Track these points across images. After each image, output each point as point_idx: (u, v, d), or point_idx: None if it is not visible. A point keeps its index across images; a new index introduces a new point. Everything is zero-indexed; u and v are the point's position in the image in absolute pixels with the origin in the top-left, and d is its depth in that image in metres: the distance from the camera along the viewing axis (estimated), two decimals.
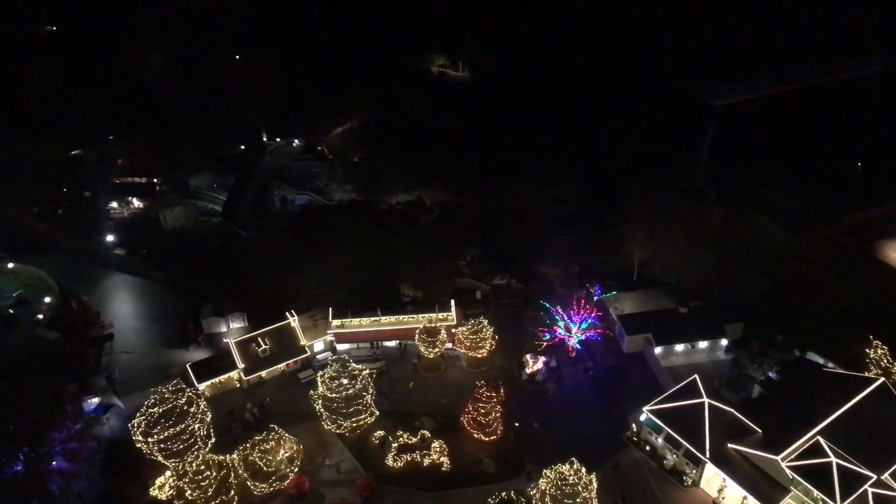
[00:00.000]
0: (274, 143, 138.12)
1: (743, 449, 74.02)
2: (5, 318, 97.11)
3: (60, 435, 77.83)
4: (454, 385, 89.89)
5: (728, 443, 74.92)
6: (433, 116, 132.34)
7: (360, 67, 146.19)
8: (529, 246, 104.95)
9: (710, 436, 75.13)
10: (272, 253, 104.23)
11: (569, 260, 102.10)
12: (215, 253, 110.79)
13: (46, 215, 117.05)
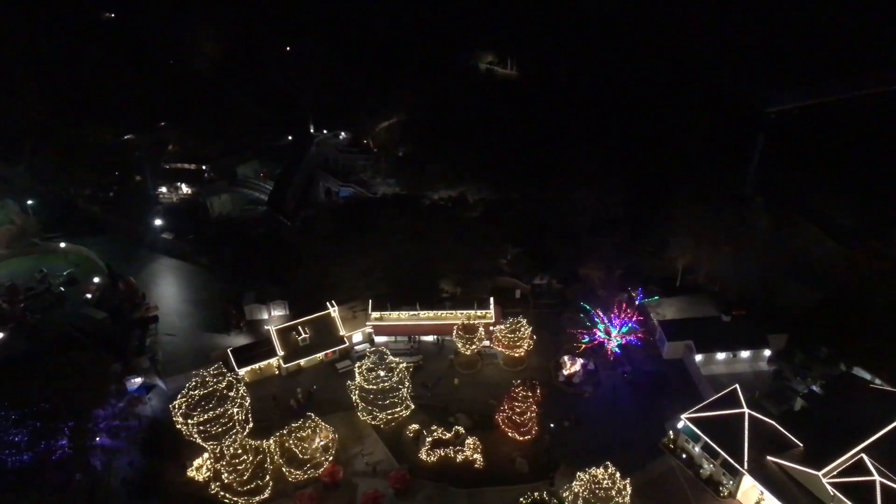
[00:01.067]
0: (321, 135, 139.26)
1: (783, 462, 72.57)
2: (56, 295, 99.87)
3: (105, 412, 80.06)
4: (490, 383, 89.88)
5: (767, 455, 73.51)
6: (479, 113, 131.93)
7: (408, 62, 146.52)
8: (571, 247, 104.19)
9: (749, 447, 73.82)
10: (315, 243, 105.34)
11: (611, 263, 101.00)
12: (260, 241, 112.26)
13: (98, 198, 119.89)
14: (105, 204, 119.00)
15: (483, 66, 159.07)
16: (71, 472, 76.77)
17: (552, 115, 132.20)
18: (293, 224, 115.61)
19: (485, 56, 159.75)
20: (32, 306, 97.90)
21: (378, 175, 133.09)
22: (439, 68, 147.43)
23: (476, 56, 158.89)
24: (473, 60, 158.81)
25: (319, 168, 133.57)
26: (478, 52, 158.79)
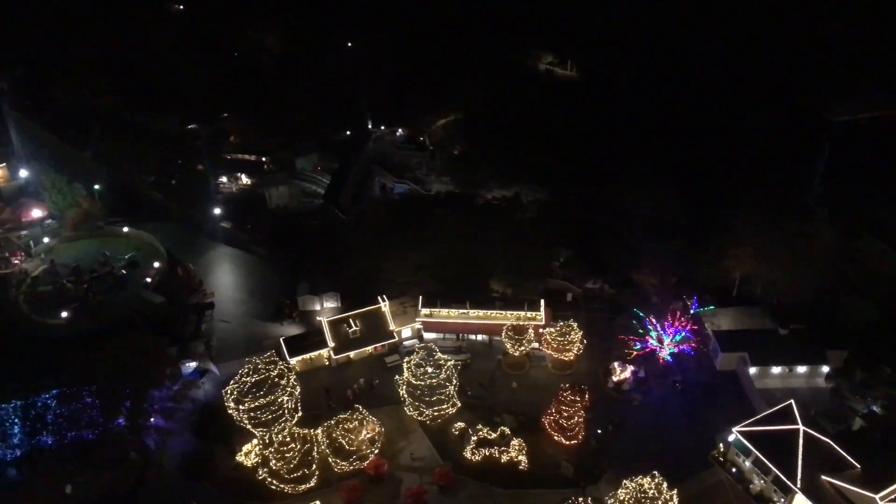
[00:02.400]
0: (378, 131, 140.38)
1: (838, 483, 70.46)
2: (117, 278, 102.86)
3: (160, 394, 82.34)
4: (538, 385, 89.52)
5: (822, 475, 71.49)
6: (537, 114, 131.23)
7: (467, 61, 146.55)
8: (626, 252, 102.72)
9: (802, 465, 71.94)
10: (369, 238, 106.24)
11: (666, 270, 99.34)
12: (315, 233, 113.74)
13: (161, 185, 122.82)
14: (167, 191, 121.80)
15: (542, 67, 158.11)
16: (126, 449, 79.22)
17: (611, 118, 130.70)
18: (348, 218, 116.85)
19: (545, 56, 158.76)
20: (95, 288, 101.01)
21: (433, 172, 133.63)
22: (498, 67, 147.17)
23: (536, 56, 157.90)
24: (533, 60, 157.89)
25: (375, 164, 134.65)
26: (538, 52, 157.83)
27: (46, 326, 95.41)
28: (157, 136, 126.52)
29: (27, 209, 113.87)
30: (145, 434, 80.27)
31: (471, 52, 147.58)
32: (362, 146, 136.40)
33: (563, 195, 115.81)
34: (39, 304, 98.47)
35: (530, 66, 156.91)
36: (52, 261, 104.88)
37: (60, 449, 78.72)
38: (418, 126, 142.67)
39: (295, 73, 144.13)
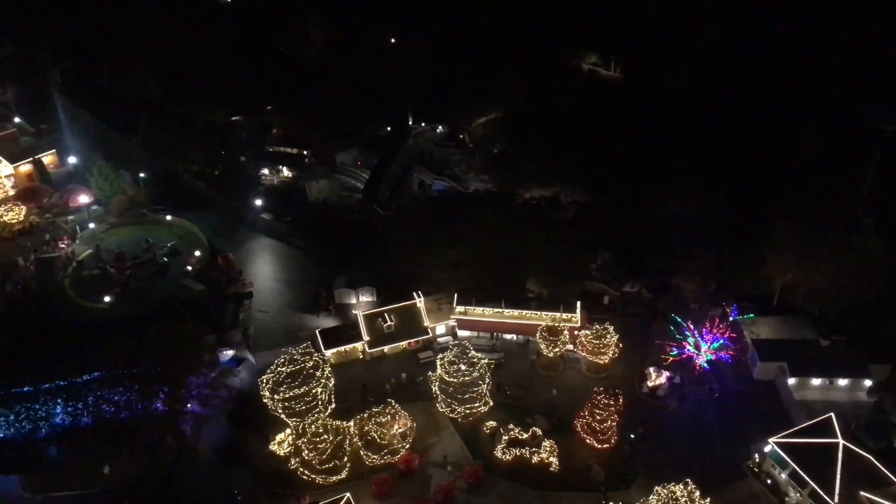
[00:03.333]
0: (419, 128, 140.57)
1: (877, 500, 68.79)
2: (159, 265, 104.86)
3: (198, 380, 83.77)
4: (571, 387, 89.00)
5: (861, 490, 69.87)
6: (578, 114, 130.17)
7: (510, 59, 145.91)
8: (665, 256, 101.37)
9: (841, 479, 70.39)
10: (406, 234, 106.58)
11: (706, 276, 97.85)
12: (353, 227, 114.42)
13: (204, 175, 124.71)
14: (210, 181, 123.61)
15: (586, 67, 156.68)
16: (162, 433, 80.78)
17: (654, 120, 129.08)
18: (386, 213, 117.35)
19: (588, 56, 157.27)
20: (137, 273, 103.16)
21: (472, 170, 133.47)
22: (541, 66, 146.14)
23: (579, 56, 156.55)
24: (576, 60, 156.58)
25: (415, 160, 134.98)
26: (582, 51, 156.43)
27: (90, 310, 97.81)
28: (202, 127, 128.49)
29: (75, 195, 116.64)
30: (182, 419, 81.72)
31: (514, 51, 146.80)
32: (402, 142, 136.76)
33: (603, 197, 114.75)
34: (84, 288, 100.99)
35: (574, 66, 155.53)
36: (98, 246, 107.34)
37: (100, 430, 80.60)
38: (459, 123, 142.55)
39: (338, 68, 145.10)
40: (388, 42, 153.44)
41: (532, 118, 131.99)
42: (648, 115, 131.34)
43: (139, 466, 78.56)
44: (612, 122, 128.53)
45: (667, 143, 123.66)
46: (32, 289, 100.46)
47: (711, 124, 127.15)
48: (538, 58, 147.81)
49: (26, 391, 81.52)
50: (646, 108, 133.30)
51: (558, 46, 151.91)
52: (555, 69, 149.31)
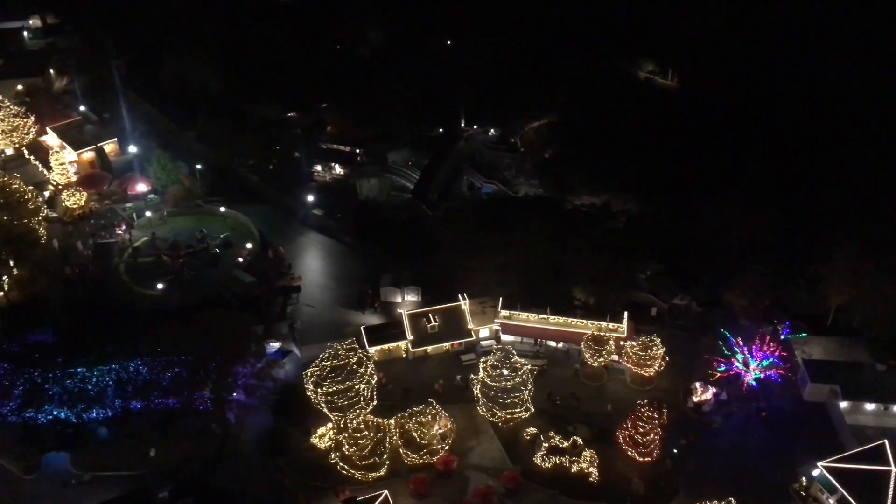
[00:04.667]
0: (471, 130, 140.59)
1: None
2: (211, 256, 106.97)
3: (244, 370, 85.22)
4: (614, 398, 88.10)
5: None
6: (633, 123, 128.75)
7: (565, 64, 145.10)
8: (717, 270, 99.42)
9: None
10: (454, 235, 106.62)
11: (758, 292, 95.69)
12: (401, 227, 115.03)
13: (259, 169, 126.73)
14: (264, 175, 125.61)
15: (642, 75, 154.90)
16: (208, 420, 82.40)
17: (710, 130, 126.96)
18: (434, 214, 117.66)
19: (646, 64, 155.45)
20: (190, 263, 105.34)
21: (522, 174, 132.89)
22: (596, 73, 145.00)
23: (637, 64, 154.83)
24: (633, 68, 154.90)
25: (465, 162, 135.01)
26: (639, 59, 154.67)
27: (143, 296, 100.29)
28: (259, 122, 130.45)
29: (133, 183, 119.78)
30: (227, 408, 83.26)
31: (570, 56, 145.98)
32: (454, 144, 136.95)
33: (655, 207, 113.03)
34: (138, 274, 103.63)
35: (630, 74, 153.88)
36: (153, 234, 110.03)
37: (148, 414, 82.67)
38: (511, 127, 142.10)
39: (394, 68, 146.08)
40: (443, 44, 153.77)
41: (586, 124, 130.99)
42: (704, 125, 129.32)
43: (184, 452, 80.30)
44: (667, 132, 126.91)
45: (722, 154, 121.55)
46: (89, 272, 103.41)
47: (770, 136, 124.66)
48: (594, 64, 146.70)
49: (80, 372, 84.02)
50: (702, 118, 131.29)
51: (616, 53, 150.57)
52: (611, 76, 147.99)
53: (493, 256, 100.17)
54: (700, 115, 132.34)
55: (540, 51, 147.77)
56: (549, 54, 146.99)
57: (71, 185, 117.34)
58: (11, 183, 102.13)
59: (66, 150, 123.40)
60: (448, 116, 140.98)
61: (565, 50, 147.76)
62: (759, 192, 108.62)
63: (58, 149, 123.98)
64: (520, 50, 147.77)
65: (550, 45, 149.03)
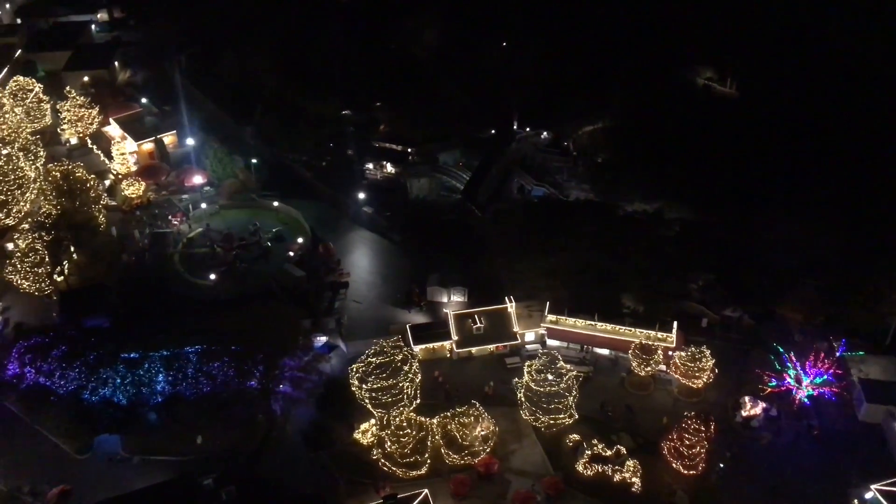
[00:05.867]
0: (523, 132, 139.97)
1: None
2: (263, 249, 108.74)
3: (292, 362, 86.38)
4: (660, 409, 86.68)
5: None
6: (689, 130, 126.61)
7: (621, 69, 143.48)
8: (771, 283, 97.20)
9: None
10: (503, 237, 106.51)
11: (814, 307, 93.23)
12: (450, 227, 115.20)
13: (312, 165, 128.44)
14: (317, 172, 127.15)
15: (700, 82, 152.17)
16: (254, 411, 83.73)
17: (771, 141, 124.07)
18: (484, 215, 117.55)
19: (704, 71, 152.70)
20: (242, 255, 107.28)
21: (573, 178, 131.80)
22: (653, 78, 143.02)
23: (695, 70, 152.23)
24: (691, 74, 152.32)
25: (516, 164, 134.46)
26: (698, 66, 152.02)
27: (196, 285, 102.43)
28: (314, 119, 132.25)
29: (190, 175, 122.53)
30: (273, 399, 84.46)
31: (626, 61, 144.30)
32: (506, 146, 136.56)
33: (710, 216, 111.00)
34: (192, 264, 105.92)
35: (688, 80, 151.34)
36: (208, 225, 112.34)
37: (196, 401, 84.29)
38: (564, 130, 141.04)
39: (448, 69, 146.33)
40: (499, 46, 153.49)
41: (640, 130, 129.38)
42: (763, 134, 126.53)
43: (230, 440, 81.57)
44: (724, 140, 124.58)
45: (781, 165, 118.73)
46: (145, 261, 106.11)
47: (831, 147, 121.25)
48: (651, 69, 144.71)
49: (133, 357, 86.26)
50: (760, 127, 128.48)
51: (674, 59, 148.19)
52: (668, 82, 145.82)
53: (542, 260, 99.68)
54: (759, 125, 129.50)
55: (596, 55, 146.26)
56: (605, 58, 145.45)
57: (130, 175, 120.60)
58: (75, 171, 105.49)
59: (127, 141, 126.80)
60: (501, 118, 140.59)
61: (622, 54, 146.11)
62: (818, 204, 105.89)
63: (119, 139, 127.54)
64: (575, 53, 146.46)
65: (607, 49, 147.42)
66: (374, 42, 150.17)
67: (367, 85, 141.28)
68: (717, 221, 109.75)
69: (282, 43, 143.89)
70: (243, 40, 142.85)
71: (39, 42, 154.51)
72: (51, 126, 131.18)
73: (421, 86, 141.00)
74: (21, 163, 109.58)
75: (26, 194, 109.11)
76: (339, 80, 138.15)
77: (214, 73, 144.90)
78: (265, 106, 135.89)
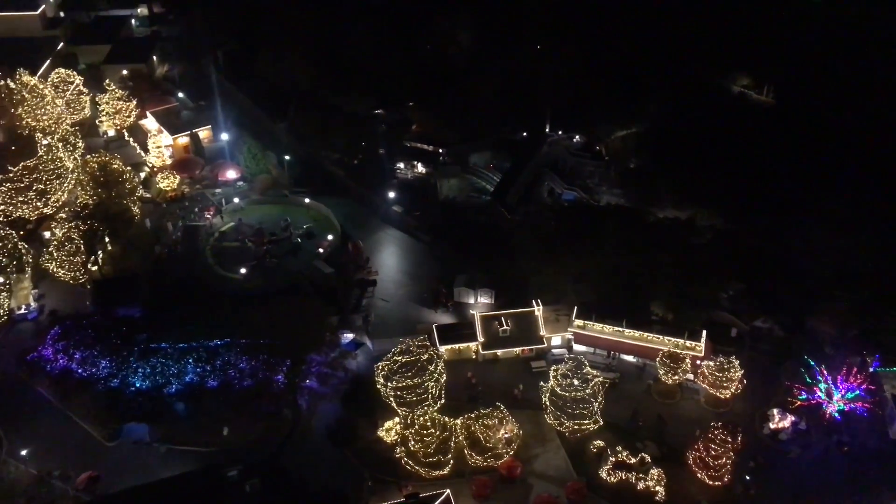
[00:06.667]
0: (555, 136, 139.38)
1: None
2: (294, 245, 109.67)
3: (319, 358, 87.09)
4: (686, 418, 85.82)
5: None
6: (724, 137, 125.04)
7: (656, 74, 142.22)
8: (804, 295, 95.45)
9: None
10: (531, 240, 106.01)
11: (847, 320, 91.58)
12: (479, 228, 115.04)
13: (344, 163, 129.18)
14: (348, 170, 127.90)
15: (736, 89, 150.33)
16: (280, 405, 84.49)
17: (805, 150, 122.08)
18: (513, 217, 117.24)
19: (739, 78, 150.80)
20: (273, 251, 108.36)
21: (605, 183, 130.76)
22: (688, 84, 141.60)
23: (730, 78, 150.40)
24: (726, 82, 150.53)
25: (547, 167, 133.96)
26: (733, 73, 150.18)
27: (226, 279, 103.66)
28: (347, 117, 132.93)
29: (224, 169, 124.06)
30: (299, 394, 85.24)
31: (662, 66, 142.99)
32: (537, 148, 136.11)
33: (742, 224, 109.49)
34: (223, 258, 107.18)
35: (723, 87, 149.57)
36: (239, 220, 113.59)
37: (223, 393, 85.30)
38: (596, 135, 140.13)
39: (481, 70, 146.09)
40: (533, 48, 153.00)
41: (674, 136, 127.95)
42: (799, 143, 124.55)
43: (255, 433, 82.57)
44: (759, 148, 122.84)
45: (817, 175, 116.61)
46: (177, 253, 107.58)
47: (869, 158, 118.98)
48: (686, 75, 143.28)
49: (163, 347, 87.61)
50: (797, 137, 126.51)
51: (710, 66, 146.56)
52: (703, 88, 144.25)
53: (571, 264, 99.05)
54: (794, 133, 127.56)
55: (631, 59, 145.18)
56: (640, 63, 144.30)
57: (165, 168, 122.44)
58: (112, 162, 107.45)
59: (163, 135, 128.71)
60: (533, 120, 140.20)
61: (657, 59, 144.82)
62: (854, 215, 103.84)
63: (155, 133, 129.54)
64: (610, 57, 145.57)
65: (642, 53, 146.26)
66: (409, 42, 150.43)
67: (401, 84, 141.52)
68: (750, 230, 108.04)
69: (317, 41, 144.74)
70: (279, 38, 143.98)
71: (81, 35, 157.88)
72: (89, 118, 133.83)
73: (454, 86, 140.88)
74: (60, 153, 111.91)
75: (64, 184, 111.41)
76: (372, 78, 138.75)
77: (250, 69, 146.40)
78: (299, 103, 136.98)
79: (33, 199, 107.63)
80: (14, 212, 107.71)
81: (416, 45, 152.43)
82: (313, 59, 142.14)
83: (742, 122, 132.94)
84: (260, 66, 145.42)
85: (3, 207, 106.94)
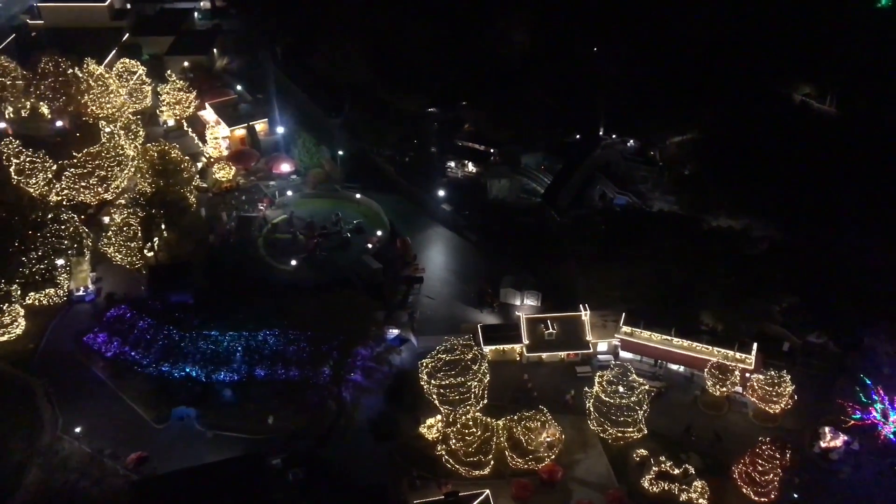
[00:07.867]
0: (609, 139, 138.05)
1: None
2: (343, 239, 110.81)
3: (364, 352, 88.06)
4: (734, 431, 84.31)
5: None
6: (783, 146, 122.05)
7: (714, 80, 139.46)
8: (861, 311, 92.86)
9: None
10: (581, 244, 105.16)
11: None
12: (527, 230, 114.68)
13: (395, 160, 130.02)
14: (400, 167, 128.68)
15: (797, 98, 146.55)
16: (325, 396, 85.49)
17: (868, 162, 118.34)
18: (562, 220, 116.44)
19: (802, 87, 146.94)
20: (323, 244, 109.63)
21: (658, 189, 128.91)
22: (747, 91, 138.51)
23: (792, 86, 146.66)
24: (787, 90, 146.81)
25: (600, 171, 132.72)
26: (796, 81, 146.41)
27: (277, 270, 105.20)
28: (400, 115, 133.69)
29: (278, 162, 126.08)
30: (344, 386, 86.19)
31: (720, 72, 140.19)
32: (590, 151, 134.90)
33: (799, 236, 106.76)
34: (275, 250, 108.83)
35: (783, 95, 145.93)
36: (292, 212, 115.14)
37: (270, 382, 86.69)
38: (651, 140, 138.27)
39: (536, 72, 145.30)
40: (590, 50, 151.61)
41: (731, 144, 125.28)
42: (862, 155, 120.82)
43: (300, 423, 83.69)
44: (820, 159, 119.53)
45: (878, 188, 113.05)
46: (230, 242, 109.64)
47: None
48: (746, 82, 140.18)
49: (213, 334, 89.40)
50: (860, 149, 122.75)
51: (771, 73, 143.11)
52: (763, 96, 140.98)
53: (620, 270, 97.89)
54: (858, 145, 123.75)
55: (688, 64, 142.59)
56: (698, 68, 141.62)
57: (222, 159, 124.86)
58: (171, 151, 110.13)
59: (221, 126, 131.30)
60: (587, 123, 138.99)
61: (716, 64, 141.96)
62: None
63: (213, 124, 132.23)
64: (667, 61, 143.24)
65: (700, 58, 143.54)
66: (464, 41, 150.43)
67: (454, 84, 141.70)
68: (807, 242, 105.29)
69: (374, 38, 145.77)
70: (336, 34, 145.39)
71: (146, 26, 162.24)
72: (150, 107, 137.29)
73: (508, 87, 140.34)
74: (122, 141, 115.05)
75: (125, 171, 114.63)
76: (426, 77, 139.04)
77: (307, 64, 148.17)
78: (354, 99, 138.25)
79: (95, 184, 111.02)
80: (77, 196, 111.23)
81: (471, 45, 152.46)
82: (369, 55, 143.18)
83: (803, 132, 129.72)
84: (316, 61, 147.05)
85: (66, 192, 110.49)
